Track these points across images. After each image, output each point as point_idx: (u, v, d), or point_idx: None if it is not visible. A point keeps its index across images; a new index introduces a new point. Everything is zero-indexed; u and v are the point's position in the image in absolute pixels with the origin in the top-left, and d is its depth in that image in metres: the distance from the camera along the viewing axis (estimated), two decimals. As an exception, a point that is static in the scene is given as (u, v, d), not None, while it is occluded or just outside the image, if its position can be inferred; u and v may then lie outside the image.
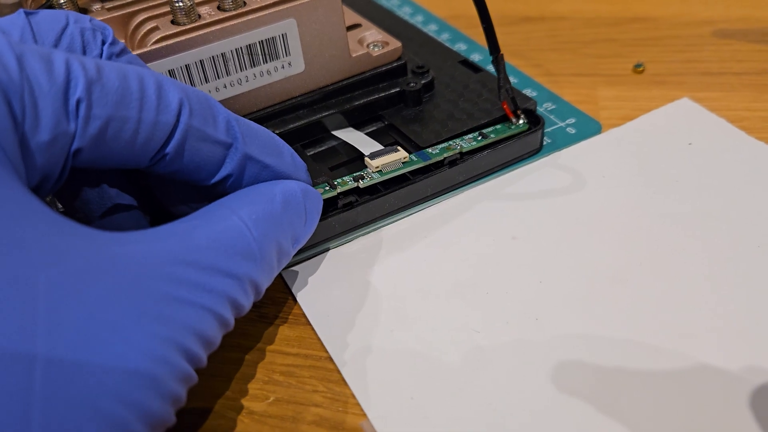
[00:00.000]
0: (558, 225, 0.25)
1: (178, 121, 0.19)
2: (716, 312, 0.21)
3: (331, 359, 0.21)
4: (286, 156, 0.22)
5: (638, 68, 0.33)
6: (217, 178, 0.20)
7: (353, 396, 0.20)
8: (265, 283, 0.19)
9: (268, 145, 0.21)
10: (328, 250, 0.25)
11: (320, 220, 0.24)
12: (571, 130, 0.29)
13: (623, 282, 0.22)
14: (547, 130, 0.29)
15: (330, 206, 0.24)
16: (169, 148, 0.19)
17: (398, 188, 0.25)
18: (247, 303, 0.19)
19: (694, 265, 0.23)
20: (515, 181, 0.27)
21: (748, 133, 0.28)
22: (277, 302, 0.23)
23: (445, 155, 0.26)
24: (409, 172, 0.25)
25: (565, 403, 0.19)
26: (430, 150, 0.26)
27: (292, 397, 0.20)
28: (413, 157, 0.25)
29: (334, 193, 0.24)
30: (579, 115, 0.30)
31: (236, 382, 0.21)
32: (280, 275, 0.24)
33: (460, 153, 0.26)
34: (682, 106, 0.30)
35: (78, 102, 0.17)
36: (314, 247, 0.25)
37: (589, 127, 0.29)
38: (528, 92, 0.32)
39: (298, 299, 0.23)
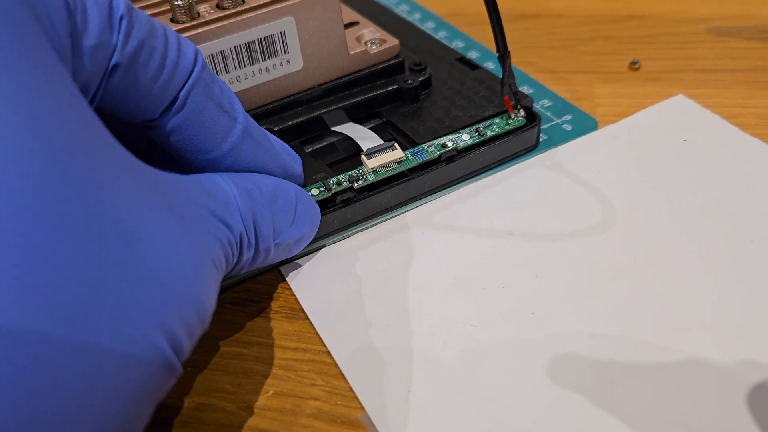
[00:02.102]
0: (554, 221, 0.25)
1: (193, 68, 0.20)
2: (712, 307, 0.21)
3: (329, 353, 0.22)
4: (275, 141, 0.23)
5: (634, 65, 0.33)
6: (223, 149, 0.21)
7: (351, 390, 0.20)
8: (246, 252, 0.20)
9: (260, 129, 0.22)
10: (325, 245, 0.25)
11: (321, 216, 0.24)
12: (568, 127, 0.29)
13: (619, 277, 0.23)
14: (544, 126, 0.29)
15: (327, 203, 0.25)
16: (182, 93, 0.20)
17: (395, 185, 0.25)
18: (232, 260, 0.19)
19: (689, 261, 0.23)
20: (512, 177, 0.27)
21: (743, 130, 0.28)
22: (275, 297, 0.24)
23: (441, 153, 0.26)
24: (406, 169, 0.26)
25: (561, 397, 0.19)
26: (426, 147, 0.26)
27: (291, 390, 0.21)
28: (409, 156, 0.26)
29: (329, 194, 0.24)
30: (575, 111, 0.30)
31: (235, 375, 0.21)
32: (278, 270, 0.24)
33: (456, 150, 0.26)
34: (678, 102, 0.30)
35: (121, 18, 0.18)
36: (312, 243, 0.25)
37: (586, 124, 0.29)
38: (525, 89, 0.32)
39: (296, 294, 0.24)
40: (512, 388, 0.20)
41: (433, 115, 0.28)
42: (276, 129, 0.26)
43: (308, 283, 0.24)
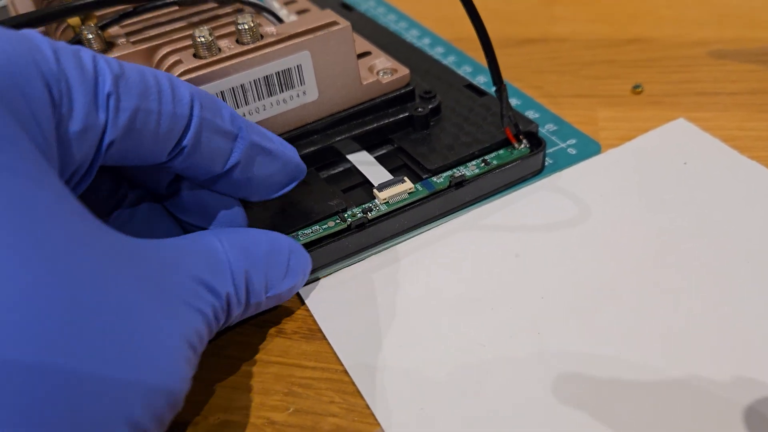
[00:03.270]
0: (560, 243, 0.26)
1: (191, 113, 0.20)
2: (712, 326, 0.22)
3: (346, 372, 0.23)
4: (276, 141, 0.23)
5: (636, 89, 0.35)
6: (229, 164, 0.22)
7: (368, 407, 0.22)
8: (236, 310, 0.21)
9: (263, 132, 0.23)
10: (342, 268, 0.26)
11: (336, 241, 0.25)
12: (572, 151, 0.31)
13: (622, 297, 0.24)
14: (549, 151, 0.31)
15: (343, 231, 0.26)
16: (186, 140, 0.20)
17: (407, 210, 0.27)
18: (221, 322, 0.20)
19: (689, 281, 0.24)
20: (518, 201, 0.28)
21: (741, 153, 0.29)
22: (294, 318, 0.25)
23: (450, 180, 0.27)
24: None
25: (567, 415, 0.21)
26: (435, 179, 0.27)
27: (311, 408, 0.22)
28: (419, 187, 0.27)
29: (344, 225, 0.26)
30: (579, 136, 0.31)
31: (257, 394, 0.22)
32: (297, 293, 0.26)
33: (465, 177, 0.27)
34: (678, 126, 0.32)
35: (108, 95, 0.18)
36: (329, 266, 0.26)
37: (589, 148, 0.31)
38: (530, 114, 0.33)
39: (314, 315, 0.25)
40: (520, 405, 0.21)
41: (442, 141, 0.29)
42: (293, 156, 0.28)
43: (325, 304, 0.25)
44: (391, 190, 0.27)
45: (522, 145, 0.29)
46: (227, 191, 0.23)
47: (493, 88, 0.28)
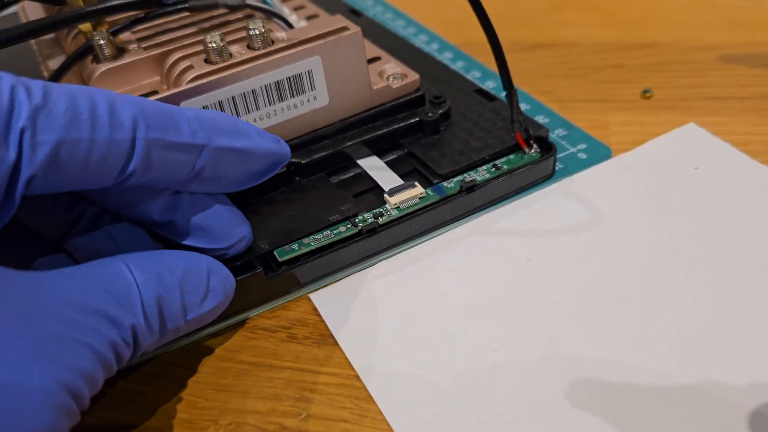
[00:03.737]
0: (571, 248, 0.26)
1: (134, 136, 0.19)
2: (724, 331, 0.22)
3: (358, 377, 0.23)
4: (253, 135, 0.23)
5: (646, 94, 0.34)
6: (195, 171, 0.21)
7: (380, 412, 0.22)
8: (147, 338, 0.20)
9: (232, 132, 0.22)
10: (353, 273, 0.26)
11: (347, 246, 0.25)
12: (583, 156, 0.30)
13: (633, 302, 0.24)
14: (560, 155, 0.31)
15: (354, 236, 0.26)
16: (133, 165, 0.20)
17: (418, 215, 0.27)
18: (126, 353, 0.19)
19: (700, 285, 0.24)
20: (529, 206, 0.28)
21: (752, 157, 0.29)
22: (306, 324, 0.25)
23: (461, 185, 0.27)
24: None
25: (580, 419, 0.20)
26: (445, 184, 0.27)
27: (323, 413, 0.22)
28: (429, 192, 0.27)
29: (355, 231, 0.26)
30: (590, 140, 0.31)
31: (269, 399, 0.22)
32: (308, 297, 0.26)
33: (475, 181, 0.27)
34: (689, 131, 0.31)
35: (22, 130, 0.17)
36: (340, 271, 0.26)
37: (600, 153, 0.31)
38: (540, 119, 0.33)
39: (325, 320, 0.25)
40: (532, 409, 0.21)
41: (452, 146, 0.29)
42: (303, 162, 0.28)
43: (337, 309, 0.25)
44: (402, 195, 0.27)
45: (532, 150, 0.29)
46: (200, 190, 0.23)
47: (503, 93, 0.28)
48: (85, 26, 0.28)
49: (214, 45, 0.25)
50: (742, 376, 0.21)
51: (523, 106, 0.34)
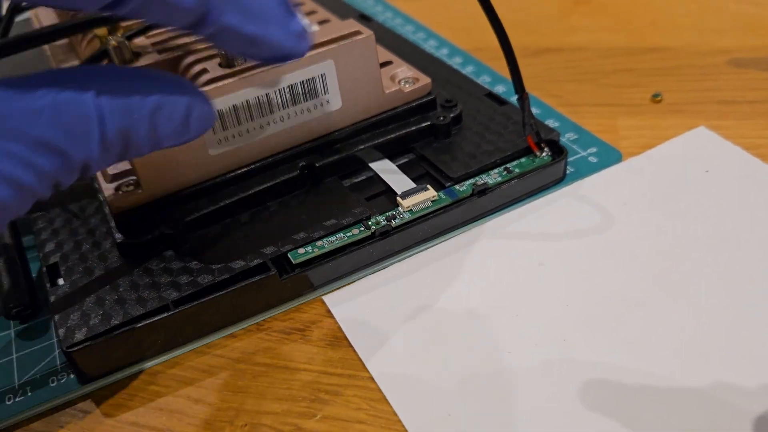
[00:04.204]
0: (582, 251, 0.26)
1: None
2: (734, 334, 0.22)
3: (372, 379, 0.23)
4: (275, 23, 0.19)
5: (656, 98, 0.35)
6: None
7: (395, 413, 0.22)
8: (101, 165, 0.18)
9: (252, 10, 0.19)
10: (366, 276, 0.26)
11: (360, 248, 0.26)
12: (593, 159, 0.31)
13: (645, 305, 0.24)
14: (570, 159, 0.31)
15: (368, 238, 0.26)
16: None
17: (430, 217, 0.27)
18: (69, 181, 0.18)
19: (711, 289, 0.24)
20: (541, 210, 0.28)
21: (763, 161, 0.29)
22: (320, 326, 0.25)
23: (473, 188, 0.27)
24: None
25: (591, 421, 0.21)
26: (457, 187, 0.27)
27: (338, 414, 0.22)
28: (441, 195, 0.27)
29: (368, 233, 0.26)
30: (600, 144, 0.31)
31: (285, 401, 0.23)
32: (321, 300, 0.26)
33: (487, 185, 0.28)
34: (699, 134, 0.32)
35: None
36: (353, 274, 0.26)
37: (610, 156, 0.31)
38: (551, 123, 0.33)
39: (339, 322, 0.25)
40: (545, 411, 0.21)
41: (464, 149, 0.29)
42: (317, 164, 0.28)
43: (351, 311, 0.25)
44: (415, 198, 0.27)
45: (544, 154, 0.29)
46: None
47: (513, 97, 0.29)
48: (101, 31, 0.28)
49: (228, 49, 0.26)
50: (753, 380, 0.21)
51: (533, 111, 0.34)
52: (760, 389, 0.21)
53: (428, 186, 0.27)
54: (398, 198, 0.27)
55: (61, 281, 0.25)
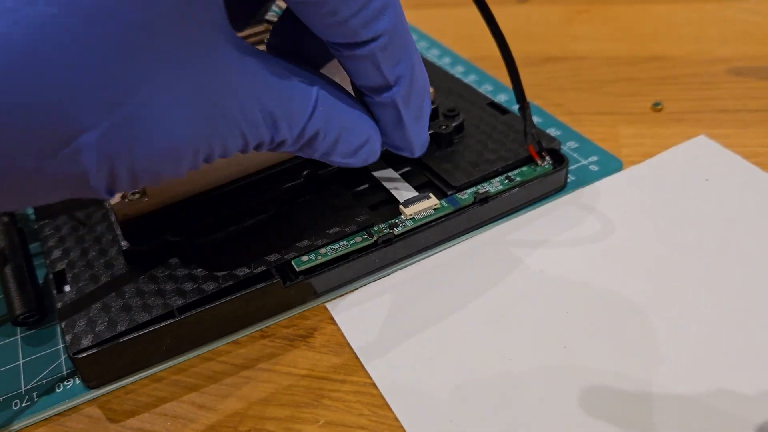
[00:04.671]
0: (583, 258, 0.27)
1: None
2: (734, 341, 0.23)
3: (374, 385, 0.23)
4: (419, 135, 0.23)
5: (657, 107, 0.35)
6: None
7: (396, 419, 0.22)
8: (283, 149, 0.21)
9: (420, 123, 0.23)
10: (369, 283, 0.27)
11: (363, 256, 0.26)
12: (594, 168, 0.31)
13: (645, 312, 0.24)
14: (571, 167, 0.31)
15: (370, 246, 0.26)
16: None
17: (433, 225, 0.27)
18: (260, 150, 0.20)
19: (712, 297, 0.24)
20: (542, 217, 0.29)
21: (763, 169, 0.30)
22: (323, 333, 0.25)
23: (474, 196, 0.28)
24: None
25: (592, 427, 0.21)
26: (459, 195, 0.28)
27: (341, 420, 0.22)
28: (444, 203, 0.27)
29: (371, 241, 0.26)
30: (601, 153, 0.32)
31: (288, 406, 0.23)
32: (324, 307, 0.26)
33: (489, 193, 0.28)
34: (699, 143, 0.32)
35: None
36: (356, 281, 0.27)
37: (611, 165, 0.31)
38: (552, 131, 0.33)
39: (342, 329, 0.25)
40: (546, 418, 0.21)
41: (466, 158, 0.29)
42: (320, 172, 0.28)
43: (353, 318, 0.25)
44: (417, 206, 0.27)
45: (545, 162, 0.29)
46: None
47: (515, 106, 0.29)
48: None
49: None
50: (753, 387, 0.21)
51: (535, 119, 0.34)
52: (760, 396, 0.21)
53: (430, 194, 0.28)
54: (401, 206, 0.27)
55: (67, 288, 0.25)
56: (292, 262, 0.26)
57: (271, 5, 0.29)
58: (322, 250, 0.26)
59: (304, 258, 0.26)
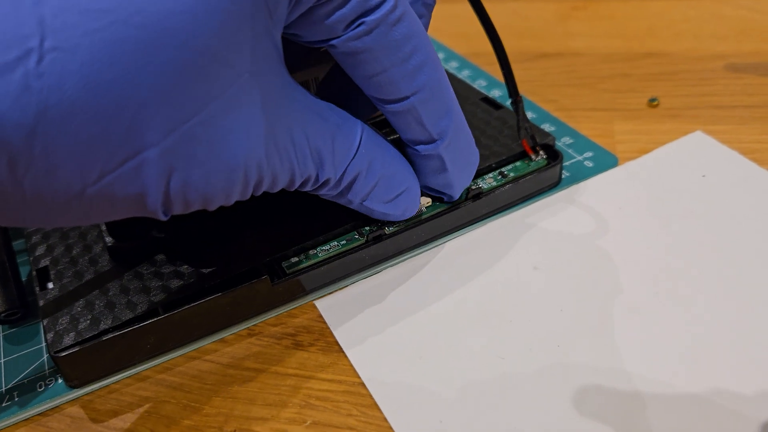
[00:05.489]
0: (577, 255, 0.26)
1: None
2: (731, 340, 0.22)
3: (363, 385, 0.23)
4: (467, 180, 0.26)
5: (653, 102, 0.34)
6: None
7: (385, 419, 0.21)
8: (322, 191, 0.22)
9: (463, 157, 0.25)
10: (359, 281, 0.26)
11: (352, 253, 0.25)
12: (589, 164, 0.30)
13: (639, 310, 0.24)
14: (566, 163, 0.30)
15: (361, 243, 0.26)
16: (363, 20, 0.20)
17: (424, 222, 0.26)
18: (303, 188, 0.22)
19: (708, 294, 0.24)
20: (536, 214, 0.28)
21: (759, 165, 0.29)
22: (311, 331, 0.25)
23: (467, 192, 0.27)
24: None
25: (586, 428, 0.20)
26: None
27: (328, 420, 0.22)
28: (436, 202, 0.27)
29: (362, 241, 0.26)
30: (596, 149, 0.31)
31: (274, 407, 0.22)
32: (313, 305, 0.26)
33: (481, 189, 0.27)
34: (696, 139, 0.31)
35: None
36: (346, 279, 0.26)
37: (606, 161, 0.30)
38: (546, 127, 0.33)
39: (330, 328, 0.25)
40: (539, 418, 0.21)
41: (459, 154, 0.29)
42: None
43: (342, 317, 0.25)
44: (408, 203, 0.27)
45: (539, 158, 0.29)
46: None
47: (509, 101, 0.28)
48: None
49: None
50: (751, 385, 0.21)
51: (529, 115, 0.34)
52: (757, 395, 0.20)
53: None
54: None
55: (50, 285, 0.25)
56: (282, 263, 0.25)
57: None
58: (312, 251, 0.26)
59: (294, 259, 0.25)
